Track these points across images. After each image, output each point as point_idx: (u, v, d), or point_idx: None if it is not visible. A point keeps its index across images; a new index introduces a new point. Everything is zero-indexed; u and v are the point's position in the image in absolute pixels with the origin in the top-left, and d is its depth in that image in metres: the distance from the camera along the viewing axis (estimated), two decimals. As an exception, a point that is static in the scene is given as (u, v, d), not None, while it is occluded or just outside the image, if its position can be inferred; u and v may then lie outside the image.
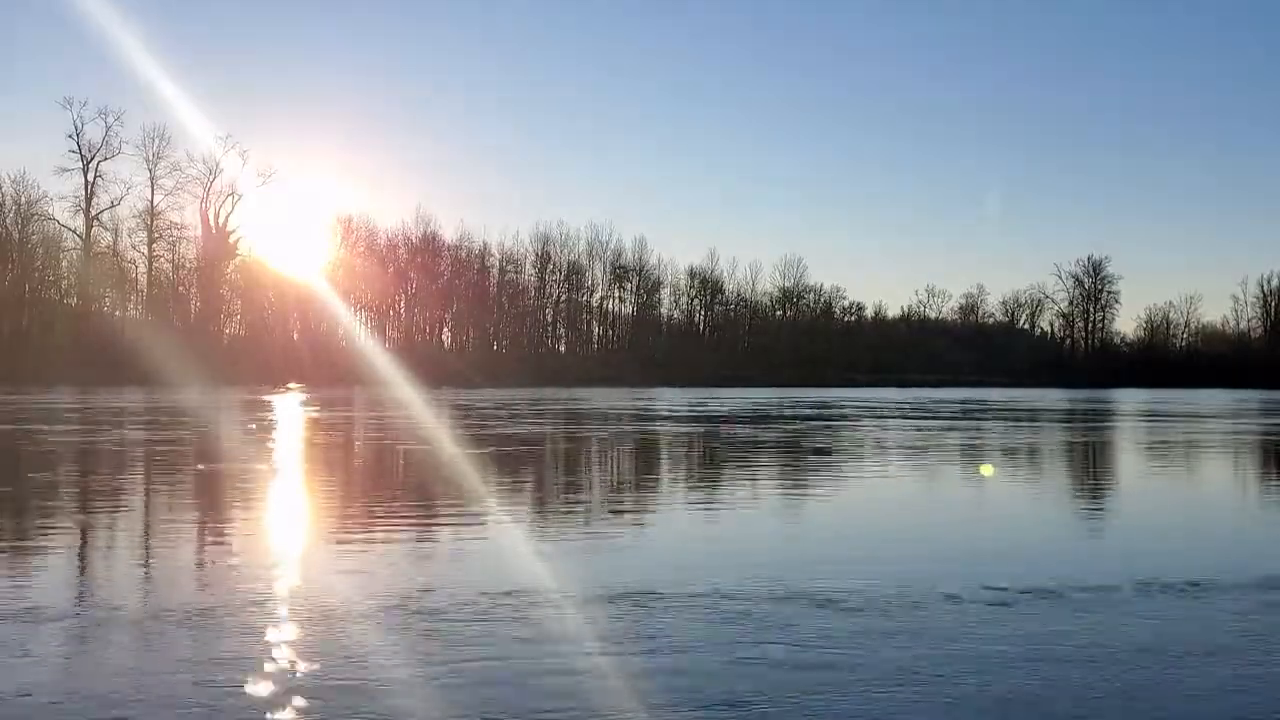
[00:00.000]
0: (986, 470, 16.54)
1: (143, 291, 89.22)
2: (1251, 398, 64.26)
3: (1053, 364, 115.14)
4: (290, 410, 35.65)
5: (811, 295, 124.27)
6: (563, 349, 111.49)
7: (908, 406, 44.25)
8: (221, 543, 9.25)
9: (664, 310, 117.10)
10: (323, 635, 5.82)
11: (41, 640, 5.66)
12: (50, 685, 4.91)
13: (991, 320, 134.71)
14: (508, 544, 9.24)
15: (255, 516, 10.97)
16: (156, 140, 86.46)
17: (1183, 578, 7.60)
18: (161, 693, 4.77)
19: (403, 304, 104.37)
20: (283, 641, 5.68)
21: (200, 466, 16.47)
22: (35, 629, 5.87)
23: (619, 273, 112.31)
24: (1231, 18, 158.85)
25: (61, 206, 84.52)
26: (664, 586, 7.06)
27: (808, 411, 36.55)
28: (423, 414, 33.17)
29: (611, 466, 18.01)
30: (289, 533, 10.19)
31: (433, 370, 65.62)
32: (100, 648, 5.59)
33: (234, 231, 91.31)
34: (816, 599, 6.76)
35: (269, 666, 5.20)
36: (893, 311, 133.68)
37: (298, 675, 5.07)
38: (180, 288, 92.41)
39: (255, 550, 8.84)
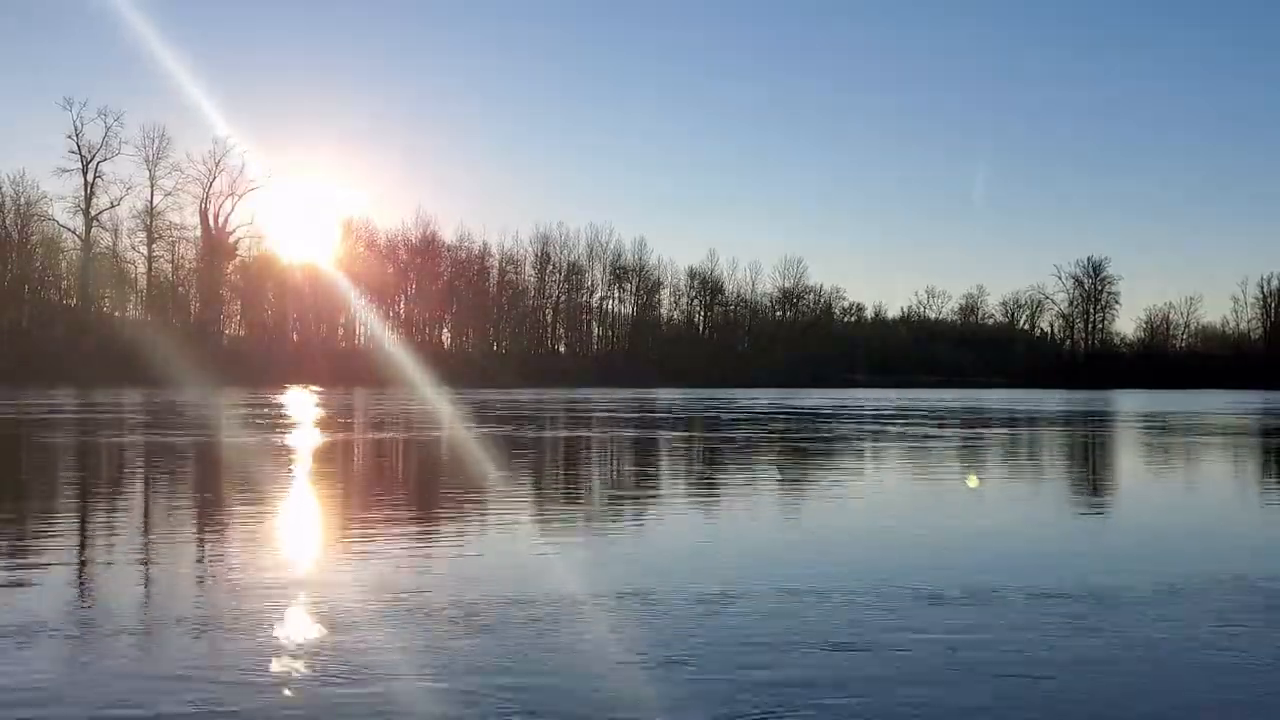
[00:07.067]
0: (973, 482, 15.96)
1: (142, 292, 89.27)
2: (1254, 400, 64.19)
3: (1053, 365, 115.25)
4: (289, 411, 35.57)
5: (811, 296, 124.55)
6: (562, 349, 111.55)
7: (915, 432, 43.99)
8: (223, 548, 9.15)
9: (664, 311, 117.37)
10: (335, 644, 5.73)
11: (41, 645, 5.58)
12: (51, 689, 4.84)
13: (991, 321, 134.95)
14: (515, 549, 9.16)
15: (258, 522, 10.87)
16: (156, 141, 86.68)
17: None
18: (163, 698, 4.69)
19: (402, 304, 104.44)
20: (288, 650, 5.59)
21: (201, 469, 16.38)
22: (34, 633, 5.79)
23: (619, 273, 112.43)
24: (1232, 17, 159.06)
25: (61, 207, 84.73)
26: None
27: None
28: (425, 416, 33.10)
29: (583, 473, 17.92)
30: (297, 539, 10.10)
31: (432, 371, 65.56)
32: (101, 653, 5.51)
33: (234, 232, 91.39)
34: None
35: (272, 675, 5.12)
36: (893, 312, 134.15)
37: (304, 684, 4.99)
38: (180, 288, 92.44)
39: (258, 556, 8.74)
